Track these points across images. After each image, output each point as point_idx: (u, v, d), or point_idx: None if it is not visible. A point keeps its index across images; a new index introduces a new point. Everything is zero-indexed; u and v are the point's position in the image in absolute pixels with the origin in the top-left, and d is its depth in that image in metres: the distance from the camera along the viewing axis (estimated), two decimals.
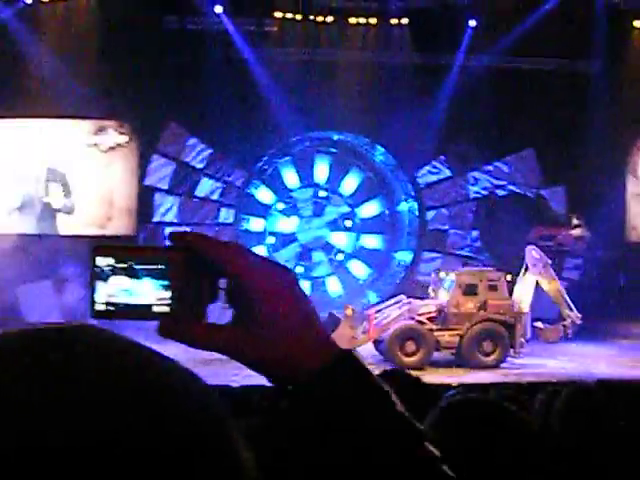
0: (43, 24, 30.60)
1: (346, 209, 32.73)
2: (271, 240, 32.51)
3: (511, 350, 24.04)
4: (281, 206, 32.51)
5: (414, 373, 5.24)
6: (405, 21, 31.31)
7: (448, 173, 32.53)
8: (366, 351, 22.41)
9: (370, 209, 32.89)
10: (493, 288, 24.44)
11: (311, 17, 31.30)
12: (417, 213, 32.65)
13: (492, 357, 23.69)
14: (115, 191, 31.27)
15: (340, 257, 32.77)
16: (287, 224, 32.56)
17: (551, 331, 25.67)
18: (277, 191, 32.46)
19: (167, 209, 31.50)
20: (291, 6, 31.03)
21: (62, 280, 30.38)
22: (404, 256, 32.67)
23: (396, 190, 32.86)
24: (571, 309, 25.72)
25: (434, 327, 23.96)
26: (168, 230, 31.03)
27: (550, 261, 26.07)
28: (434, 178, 32.55)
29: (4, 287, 28.97)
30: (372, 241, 33.04)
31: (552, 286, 25.66)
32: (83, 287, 30.16)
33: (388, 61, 31.26)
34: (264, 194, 32.46)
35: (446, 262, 31.14)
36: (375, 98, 30.31)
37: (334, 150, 32.57)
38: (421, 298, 25.51)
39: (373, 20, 31.47)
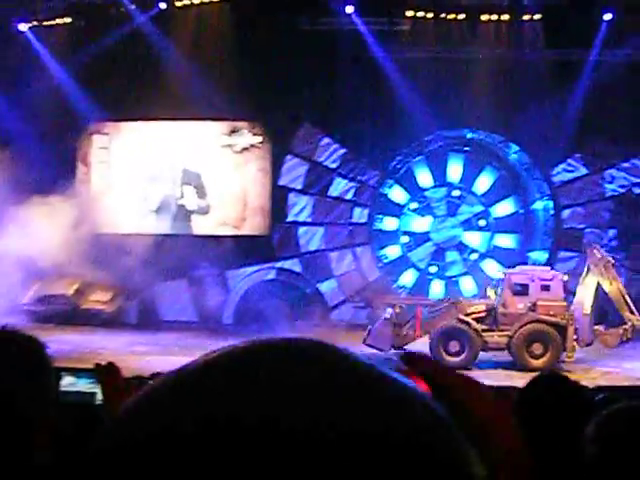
0: (177, 28, 31.21)
1: (480, 208, 32.34)
2: (405, 239, 32.40)
3: (564, 353, 23.05)
4: (414, 205, 32.33)
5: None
6: (537, 17, 30.75)
7: (584, 171, 31.81)
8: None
9: (504, 208, 32.43)
10: (545, 288, 23.70)
11: (442, 15, 31.07)
12: (552, 212, 32.05)
13: (542, 360, 22.75)
14: (249, 191, 31.66)
15: (474, 257, 32.42)
16: (421, 223, 32.35)
17: (610, 335, 24.03)
18: (410, 190, 32.28)
19: (301, 209, 31.74)
20: (423, 4, 30.87)
21: (197, 279, 30.88)
22: (539, 256, 32.09)
23: (531, 189, 32.34)
24: (632, 312, 24.18)
25: (480, 327, 23.45)
26: (302, 230, 31.27)
27: (613, 261, 24.89)
28: (570, 176, 31.88)
29: (142, 286, 29.62)
30: (506, 240, 32.59)
31: (613, 287, 24.24)
32: (217, 286, 30.67)
33: (521, 58, 30.75)
34: (397, 193, 32.34)
35: (582, 262, 30.51)
36: (508, 95, 29.85)
37: (467, 149, 32.23)
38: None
39: (505, 17, 31.04)
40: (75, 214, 30.14)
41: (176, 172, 31.88)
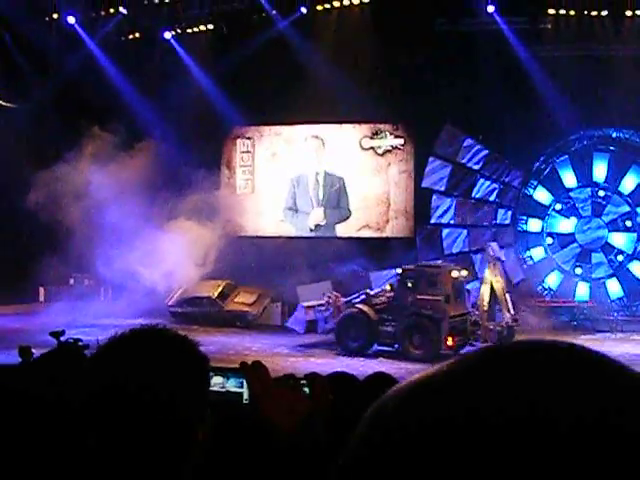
0: (319, 32, 31.42)
1: (626, 209, 31.56)
2: (549, 241, 31.97)
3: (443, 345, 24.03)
4: (559, 206, 31.84)
5: None
6: None
7: None
8: None
9: None
10: (433, 284, 24.60)
11: (585, 12, 30.50)
12: None
13: (422, 350, 23.79)
14: (392, 193, 31.72)
15: (620, 258, 31.71)
16: (565, 225, 31.82)
17: (489, 331, 25.20)
18: (555, 191, 31.80)
19: (444, 211, 31.62)
20: (565, 1, 30.38)
21: (341, 281, 30.93)
22: None
23: None
24: (509, 310, 25.63)
25: (377, 317, 24.95)
26: (446, 232, 31.19)
27: (504, 258, 26.46)
28: None
29: (286, 288, 29.83)
30: None
31: (498, 285, 25.76)
32: (361, 288, 30.71)
33: None
34: (541, 194, 31.90)
35: None
36: None
37: (613, 148, 31.53)
38: None
39: None
40: (220, 217, 30.63)
41: (319, 175, 32.11)
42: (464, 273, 25.55)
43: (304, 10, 31.32)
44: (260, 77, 30.41)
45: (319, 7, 31.53)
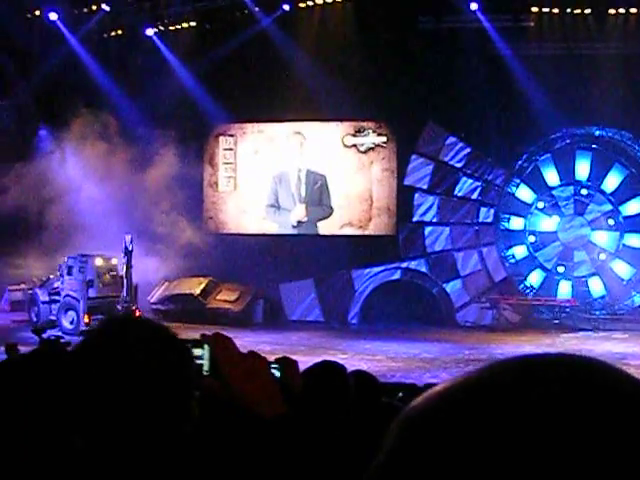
0: (301, 29, 31.32)
1: (609, 207, 31.60)
2: (531, 239, 31.92)
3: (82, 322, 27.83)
4: (541, 204, 31.82)
5: None
6: None
7: None
8: None
9: (634, 207, 31.54)
10: (82, 270, 28.47)
11: (568, 10, 30.53)
12: None
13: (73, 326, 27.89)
14: (374, 191, 31.66)
15: (603, 257, 31.70)
16: (548, 223, 31.81)
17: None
18: (537, 189, 31.76)
19: (427, 208, 31.60)
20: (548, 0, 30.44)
21: (323, 279, 30.99)
22: None
23: None
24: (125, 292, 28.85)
25: (48, 298, 28.70)
26: (428, 230, 31.23)
27: (132, 249, 28.73)
28: None
29: (268, 286, 29.87)
30: (636, 240, 31.81)
31: (128, 271, 28.56)
32: (343, 286, 30.76)
33: None
34: (524, 192, 31.87)
35: None
36: (637, 91, 29.03)
37: (595, 146, 31.55)
38: None
39: (633, 10, 30.32)
40: (203, 214, 30.57)
41: (301, 172, 32.06)
42: (113, 262, 29.01)
43: (287, 7, 31.27)
44: (243, 74, 30.41)
45: (302, 4, 31.47)
